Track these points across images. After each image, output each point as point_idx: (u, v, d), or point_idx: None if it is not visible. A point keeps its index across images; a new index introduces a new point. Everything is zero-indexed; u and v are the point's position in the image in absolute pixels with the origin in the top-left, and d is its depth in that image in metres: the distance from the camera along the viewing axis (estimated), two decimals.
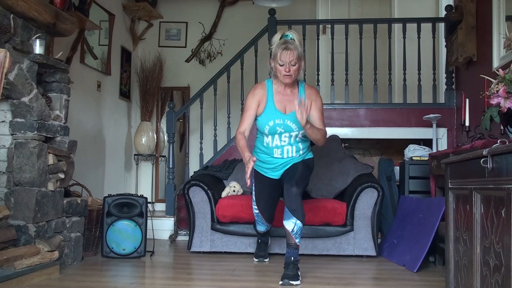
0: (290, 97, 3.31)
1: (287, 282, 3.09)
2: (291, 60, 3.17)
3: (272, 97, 3.32)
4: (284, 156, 3.38)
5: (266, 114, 3.30)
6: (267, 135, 3.35)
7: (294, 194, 3.20)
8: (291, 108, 3.28)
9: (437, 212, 3.58)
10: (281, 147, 3.36)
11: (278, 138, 3.34)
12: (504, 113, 2.59)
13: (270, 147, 3.38)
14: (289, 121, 3.27)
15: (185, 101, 6.48)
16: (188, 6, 6.67)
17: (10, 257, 2.89)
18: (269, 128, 3.30)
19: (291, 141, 3.35)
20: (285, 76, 3.20)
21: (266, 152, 3.41)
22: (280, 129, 3.29)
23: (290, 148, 3.37)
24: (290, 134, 3.32)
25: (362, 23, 5.43)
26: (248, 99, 3.35)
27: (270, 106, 3.30)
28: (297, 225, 3.21)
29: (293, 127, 3.29)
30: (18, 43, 3.11)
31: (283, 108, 3.31)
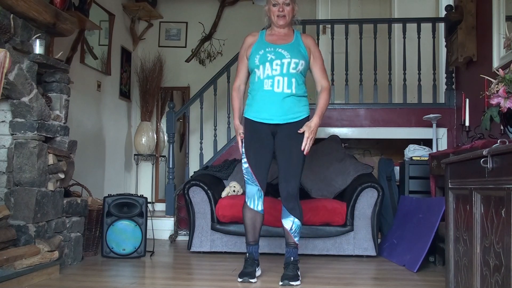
0: (284, 36, 3.27)
1: (286, 283, 3.07)
2: (284, 0, 3.18)
3: (264, 37, 3.29)
4: (275, 88, 3.14)
5: (256, 47, 3.24)
6: (258, 66, 3.18)
7: (291, 193, 3.17)
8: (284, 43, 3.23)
9: (437, 212, 3.58)
10: (272, 77, 3.15)
11: (269, 67, 3.16)
12: (504, 113, 2.59)
13: (261, 79, 3.18)
14: (280, 49, 3.19)
15: (185, 101, 6.48)
16: (188, 6, 6.67)
17: (10, 257, 2.89)
18: (259, 56, 3.18)
19: (283, 70, 3.15)
20: (278, 17, 3.21)
21: (257, 88, 3.21)
22: (270, 55, 3.17)
23: (282, 80, 3.14)
24: (281, 62, 3.15)
25: (362, 23, 5.43)
26: (240, 50, 3.35)
27: (260, 41, 3.27)
28: (295, 223, 3.19)
29: (284, 54, 3.16)
30: (18, 43, 3.11)
31: (274, 42, 3.24)
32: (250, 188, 3.25)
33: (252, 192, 3.25)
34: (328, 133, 5.19)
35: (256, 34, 3.35)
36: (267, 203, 3.94)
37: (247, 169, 3.22)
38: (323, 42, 6.05)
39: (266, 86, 3.16)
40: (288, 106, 3.16)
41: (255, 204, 3.25)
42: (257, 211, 3.25)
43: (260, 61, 3.18)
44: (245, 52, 3.31)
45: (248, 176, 3.23)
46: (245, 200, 3.29)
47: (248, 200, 3.27)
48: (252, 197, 3.25)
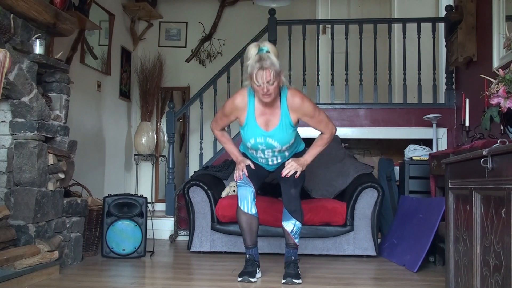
0: (272, 113, 3.09)
1: (290, 281, 3.10)
2: (268, 81, 2.89)
3: (253, 112, 3.10)
4: (269, 163, 3.27)
5: (248, 130, 3.12)
6: (250, 147, 3.21)
7: (293, 196, 3.19)
8: (273, 124, 3.09)
9: (437, 212, 3.58)
10: (265, 158, 3.23)
11: (261, 152, 3.20)
12: (504, 113, 2.59)
13: (255, 156, 3.26)
14: (270, 139, 3.09)
15: (185, 101, 6.48)
16: (188, 6, 6.67)
17: (10, 257, 2.89)
18: (251, 144, 3.16)
19: (275, 153, 3.20)
20: (263, 95, 2.96)
21: (251, 156, 3.30)
22: (262, 146, 3.14)
23: (275, 158, 3.24)
24: (273, 150, 3.17)
25: (362, 23, 5.43)
26: (228, 106, 3.17)
27: (251, 122, 3.10)
28: (296, 226, 3.22)
29: (274, 145, 3.11)
30: (18, 43, 3.11)
31: (264, 123, 3.09)
32: (243, 190, 3.24)
33: (245, 194, 3.23)
34: None
35: (245, 98, 3.12)
36: (267, 203, 3.95)
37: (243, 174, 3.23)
38: (323, 42, 6.05)
39: (261, 161, 3.28)
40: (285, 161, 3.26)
41: (248, 208, 3.23)
42: (251, 214, 3.25)
43: (252, 147, 3.18)
44: (233, 114, 3.17)
45: (242, 180, 3.23)
46: (238, 204, 3.27)
47: (241, 204, 3.25)
48: (245, 199, 3.23)
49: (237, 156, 3.31)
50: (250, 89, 3.09)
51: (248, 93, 3.12)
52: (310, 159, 3.22)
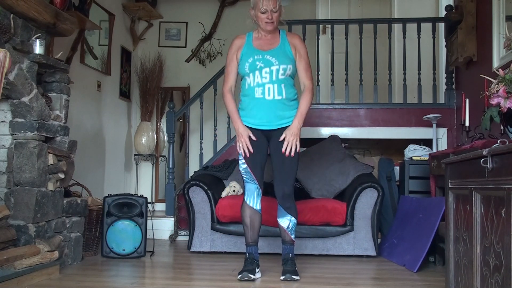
0: (270, 40, 3.28)
1: (289, 277, 3.15)
2: (273, 7, 3.16)
3: (251, 41, 3.30)
4: (266, 96, 3.21)
5: (245, 54, 3.27)
6: (248, 73, 3.24)
7: (287, 193, 3.23)
8: (271, 48, 3.25)
9: (437, 212, 3.58)
10: (262, 85, 3.21)
11: (259, 75, 3.22)
12: (504, 113, 2.59)
13: (252, 87, 3.24)
14: (268, 55, 3.21)
15: (185, 101, 6.48)
16: (188, 6, 6.67)
17: (10, 257, 2.89)
18: (249, 65, 3.22)
19: (272, 77, 3.20)
20: (267, 23, 3.19)
21: (248, 94, 3.27)
22: (259, 63, 3.20)
23: (272, 87, 3.21)
24: (270, 69, 3.19)
25: (362, 23, 5.43)
26: (228, 53, 3.37)
27: (248, 46, 3.28)
28: (292, 222, 3.26)
29: (272, 61, 3.20)
30: (18, 43, 3.11)
31: (262, 47, 3.26)
32: (249, 186, 3.31)
33: (251, 189, 3.30)
34: (328, 133, 5.19)
35: (243, 37, 3.36)
36: (267, 202, 3.94)
37: (246, 169, 3.27)
38: (323, 42, 6.05)
39: (257, 94, 3.24)
40: (280, 112, 3.24)
41: (254, 203, 3.30)
42: (256, 209, 3.31)
43: (249, 69, 3.23)
44: (235, 55, 3.34)
45: (247, 176, 3.29)
46: (244, 199, 3.33)
47: (247, 198, 3.31)
48: (251, 194, 3.30)
49: (238, 125, 3.29)
50: (248, 33, 3.35)
51: (247, 34, 3.36)
52: (301, 121, 3.27)
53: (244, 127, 3.28)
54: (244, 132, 3.27)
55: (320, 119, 5.34)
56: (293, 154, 3.21)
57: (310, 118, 5.08)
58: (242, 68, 3.28)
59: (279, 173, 3.25)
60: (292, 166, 3.24)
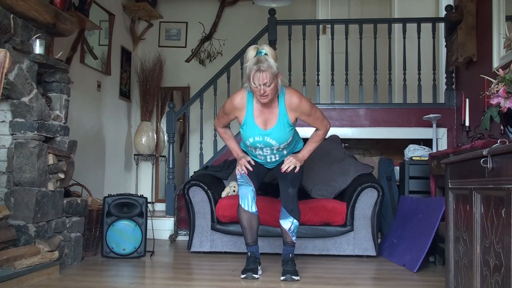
0: (270, 113, 3.16)
1: (289, 277, 3.17)
2: (265, 82, 2.97)
3: (252, 112, 3.17)
4: (268, 161, 3.33)
5: (247, 129, 3.19)
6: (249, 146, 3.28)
7: (291, 195, 3.25)
8: (271, 123, 3.15)
9: (437, 212, 3.58)
10: (263, 155, 3.30)
11: (260, 150, 3.26)
12: (504, 113, 2.59)
13: (254, 153, 3.32)
14: (268, 137, 3.16)
15: (185, 101, 6.48)
16: (188, 6, 6.67)
17: (10, 257, 2.89)
18: (250, 143, 3.23)
19: (273, 151, 3.26)
20: (261, 97, 3.04)
21: (250, 152, 3.37)
22: (260, 145, 3.21)
23: (273, 156, 3.30)
24: (271, 148, 3.23)
25: (362, 23, 5.43)
26: (227, 106, 3.25)
27: (250, 121, 3.17)
28: (294, 224, 3.27)
29: (272, 143, 3.18)
30: (18, 43, 3.11)
31: (262, 123, 3.16)
32: (243, 189, 3.33)
33: (245, 193, 3.31)
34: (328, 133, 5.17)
35: (244, 97, 3.18)
36: (267, 202, 3.95)
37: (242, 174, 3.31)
38: (323, 42, 6.05)
39: (260, 159, 3.34)
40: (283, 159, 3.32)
41: (249, 206, 3.31)
42: (252, 212, 3.32)
43: (251, 145, 3.26)
44: (232, 113, 3.25)
45: (243, 179, 3.32)
46: (239, 203, 3.35)
47: (242, 202, 3.33)
48: (245, 198, 3.31)
49: (238, 152, 3.38)
50: (249, 90, 3.16)
51: (247, 93, 3.19)
52: (308, 154, 3.32)
53: (244, 154, 3.36)
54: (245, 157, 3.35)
55: None
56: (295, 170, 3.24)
57: None
58: (243, 137, 3.25)
59: (283, 180, 3.29)
60: (296, 175, 3.27)
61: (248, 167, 3.28)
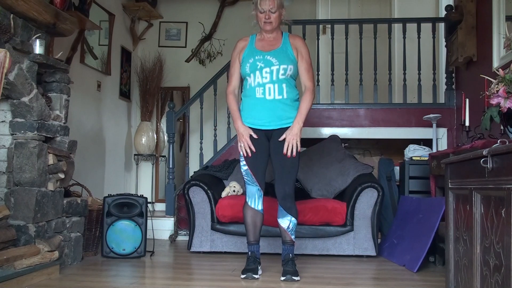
0: (272, 42, 3.32)
1: (289, 278, 3.16)
2: (271, 8, 3.20)
3: (254, 42, 3.35)
4: (266, 95, 3.22)
5: (246, 55, 3.31)
6: (249, 74, 3.27)
7: (288, 193, 3.24)
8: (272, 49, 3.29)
9: (437, 212, 3.58)
10: (262, 85, 3.23)
11: (259, 75, 3.24)
12: (504, 113, 2.59)
13: (252, 87, 3.26)
14: (269, 56, 3.25)
15: (185, 101, 6.48)
16: (188, 6, 6.67)
17: (10, 257, 2.89)
18: (250, 65, 3.25)
19: (272, 77, 3.22)
20: (265, 23, 3.24)
21: (249, 95, 3.29)
22: (260, 63, 3.23)
23: (272, 87, 3.23)
24: (271, 69, 3.22)
25: (362, 23, 5.44)
26: (232, 55, 3.42)
27: (250, 47, 3.33)
28: (292, 222, 3.27)
29: (273, 61, 3.23)
30: (18, 43, 3.11)
31: (263, 48, 3.30)
32: (250, 188, 3.34)
33: (252, 191, 3.33)
34: (328, 133, 5.19)
35: (247, 39, 3.41)
36: (268, 203, 3.94)
37: (247, 170, 3.30)
38: (323, 42, 6.05)
39: (258, 94, 3.26)
40: (280, 112, 3.25)
41: (256, 204, 3.33)
42: (258, 210, 3.34)
43: (250, 69, 3.26)
44: (237, 56, 3.39)
45: (248, 177, 3.32)
46: (246, 200, 3.37)
47: (249, 200, 3.35)
48: (252, 196, 3.34)
49: (239, 124, 3.31)
50: (252, 35, 3.40)
51: (250, 36, 3.41)
52: (300, 125, 3.27)
53: (245, 127, 3.29)
54: (245, 132, 3.28)
55: (320, 119, 5.34)
56: (294, 155, 3.21)
57: (310, 118, 5.07)
58: (243, 68, 3.31)
59: (279, 173, 3.26)
60: (292, 166, 3.24)
61: (252, 148, 3.24)
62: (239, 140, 3.30)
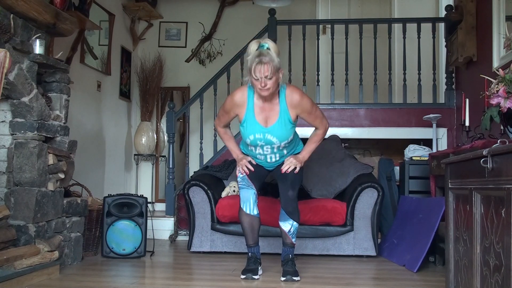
0: (271, 110, 3.14)
1: (289, 278, 3.16)
2: (266, 75, 2.95)
3: (252, 108, 3.15)
4: (268, 161, 3.30)
5: (247, 127, 3.17)
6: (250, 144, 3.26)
7: (291, 198, 3.23)
8: (272, 120, 3.14)
9: (437, 212, 3.58)
10: (264, 155, 3.27)
11: (260, 148, 3.24)
12: (504, 113, 2.59)
13: (254, 153, 3.30)
14: (269, 135, 3.14)
15: (185, 101, 6.48)
16: (188, 6, 6.67)
17: (10, 257, 2.89)
18: (251, 141, 3.21)
19: (274, 150, 3.23)
20: (261, 90, 3.01)
21: (250, 152, 3.34)
22: (261, 142, 3.19)
23: (274, 156, 3.27)
24: (272, 146, 3.21)
25: (362, 23, 5.43)
26: (228, 103, 3.23)
27: (250, 118, 3.15)
28: (294, 226, 3.27)
29: (273, 140, 3.16)
30: (18, 43, 3.11)
31: (263, 120, 3.15)
32: (245, 192, 3.30)
33: (247, 196, 3.29)
34: (328, 133, 5.18)
35: (244, 93, 3.17)
36: (267, 203, 3.95)
37: (243, 177, 3.29)
38: (323, 42, 6.05)
39: (259, 158, 3.31)
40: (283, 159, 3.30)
41: (250, 209, 3.29)
42: (253, 215, 3.31)
43: (251, 143, 3.24)
44: (233, 110, 3.23)
45: (244, 182, 3.29)
46: (240, 206, 3.32)
47: (243, 205, 3.30)
48: (247, 201, 3.29)
49: (237, 153, 3.37)
50: (250, 86, 3.15)
51: (248, 89, 3.18)
52: (308, 155, 3.30)
53: (244, 155, 3.34)
54: (245, 157, 3.32)
55: None
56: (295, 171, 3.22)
57: None
58: (243, 137, 3.24)
59: (283, 180, 3.27)
60: (296, 176, 3.25)
61: (250, 167, 3.26)
62: (238, 164, 3.31)
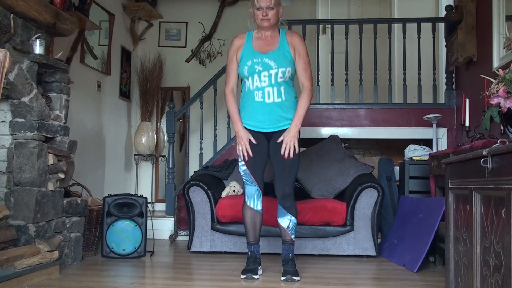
0: (270, 41, 3.28)
1: (290, 278, 3.16)
2: (268, 5, 3.17)
3: (251, 41, 3.30)
4: (265, 99, 3.21)
5: (244, 56, 3.27)
6: (247, 77, 3.25)
7: (287, 193, 3.24)
8: (271, 48, 3.25)
9: (437, 212, 3.58)
10: (261, 89, 3.21)
11: (257, 79, 3.21)
12: (504, 113, 2.59)
13: (251, 90, 3.25)
14: (267, 58, 3.20)
15: (185, 101, 6.48)
16: (188, 6, 6.67)
17: (10, 257, 2.89)
18: (248, 68, 3.23)
19: (271, 81, 3.20)
20: (262, 20, 3.20)
21: (248, 97, 3.28)
22: (258, 67, 3.20)
23: (271, 90, 3.21)
24: (269, 73, 3.19)
25: (362, 23, 5.44)
26: (228, 53, 3.38)
27: (248, 47, 3.29)
28: (292, 221, 3.27)
29: (271, 64, 3.19)
30: (18, 43, 3.11)
31: (261, 49, 3.26)
32: (249, 188, 3.33)
33: (251, 192, 3.32)
34: (328, 133, 5.19)
35: (243, 36, 3.36)
36: (267, 203, 3.94)
37: (245, 171, 3.29)
38: (323, 42, 6.05)
39: (257, 98, 3.25)
40: (279, 114, 3.24)
41: (254, 204, 3.33)
42: (257, 210, 3.33)
43: (248, 72, 3.24)
44: (234, 55, 3.34)
45: (247, 178, 3.31)
46: (245, 200, 3.36)
47: (247, 200, 3.34)
48: (251, 196, 3.33)
49: (238, 126, 3.29)
50: (249, 32, 3.34)
51: (247, 33, 3.36)
52: (299, 121, 3.26)
53: (245, 130, 3.29)
54: (244, 135, 3.27)
55: (320, 119, 5.34)
56: (292, 156, 3.20)
57: (310, 118, 5.08)
58: (241, 70, 3.28)
59: (279, 173, 3.26)
60: (292, 166, 3.24)
61: (249, 152, 3.23)
62: (238, 142, 3.29)
